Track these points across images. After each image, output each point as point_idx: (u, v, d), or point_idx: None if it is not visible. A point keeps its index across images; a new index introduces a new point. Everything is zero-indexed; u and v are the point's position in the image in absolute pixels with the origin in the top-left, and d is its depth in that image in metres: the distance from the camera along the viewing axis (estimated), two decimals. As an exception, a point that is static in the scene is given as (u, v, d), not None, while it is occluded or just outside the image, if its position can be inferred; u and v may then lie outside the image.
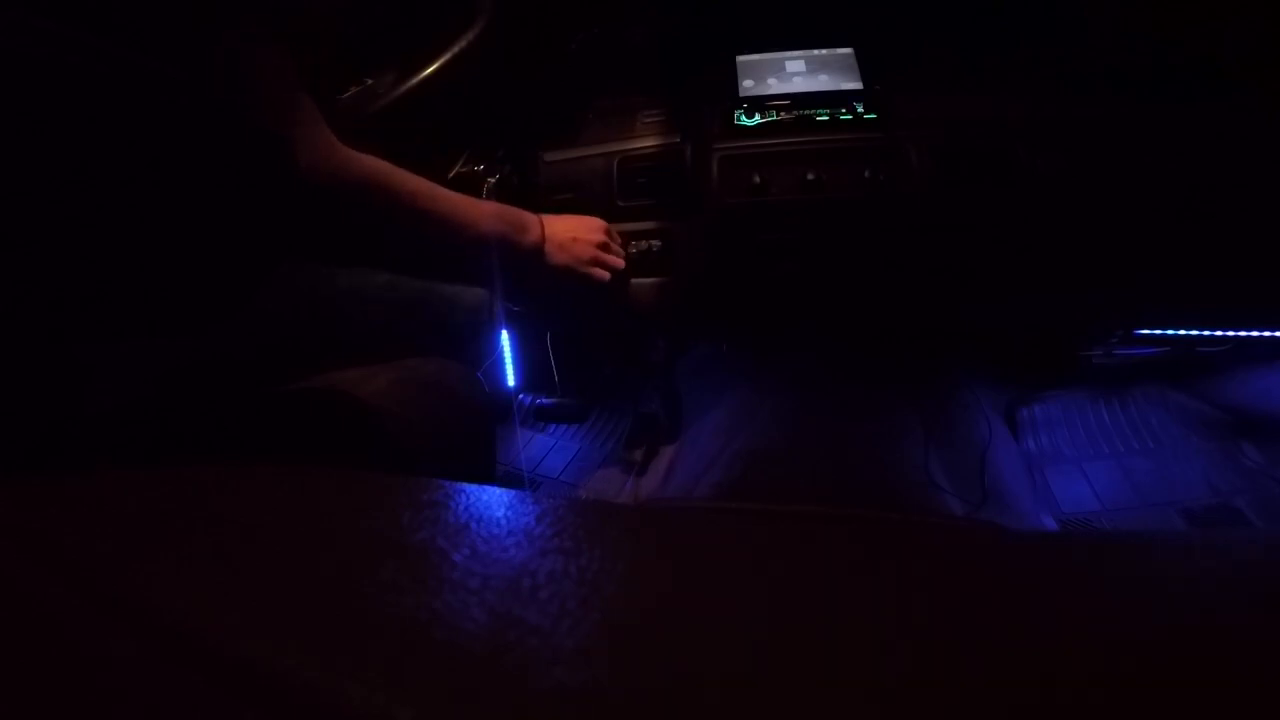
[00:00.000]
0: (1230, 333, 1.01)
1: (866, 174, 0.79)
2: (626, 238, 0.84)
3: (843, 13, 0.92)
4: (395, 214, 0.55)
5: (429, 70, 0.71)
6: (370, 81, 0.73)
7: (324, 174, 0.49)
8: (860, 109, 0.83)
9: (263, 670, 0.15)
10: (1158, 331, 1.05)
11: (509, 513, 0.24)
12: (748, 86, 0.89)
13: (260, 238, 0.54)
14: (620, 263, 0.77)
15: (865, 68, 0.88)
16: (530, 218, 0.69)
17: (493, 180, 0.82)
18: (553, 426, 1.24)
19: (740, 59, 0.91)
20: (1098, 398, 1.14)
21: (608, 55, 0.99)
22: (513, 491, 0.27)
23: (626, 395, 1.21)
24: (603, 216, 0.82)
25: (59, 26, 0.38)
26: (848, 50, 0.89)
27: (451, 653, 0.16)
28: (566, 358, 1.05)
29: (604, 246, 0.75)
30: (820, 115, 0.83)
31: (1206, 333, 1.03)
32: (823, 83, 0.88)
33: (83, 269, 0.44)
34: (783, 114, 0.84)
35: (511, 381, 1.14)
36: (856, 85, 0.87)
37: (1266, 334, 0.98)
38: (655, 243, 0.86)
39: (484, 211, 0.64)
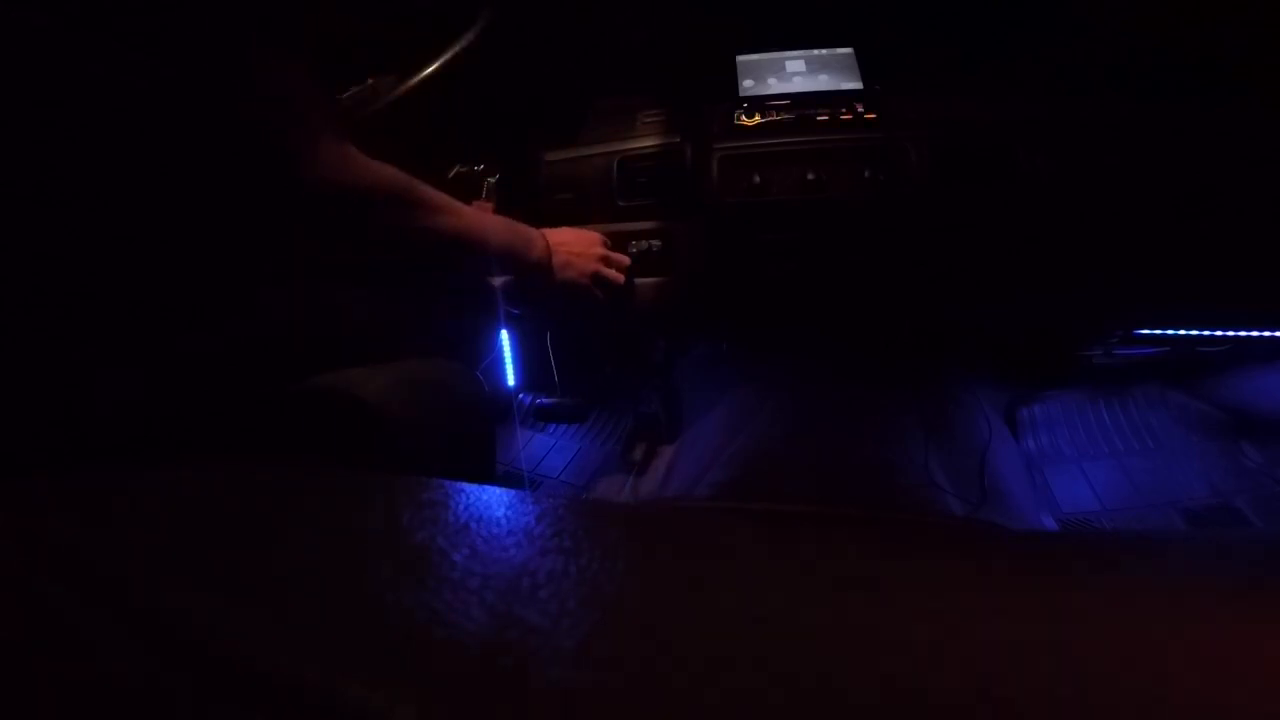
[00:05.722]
0: (1230, 333, 1.01)
1: (866, 174, 0.79)
2: (626, 238, 0.84)
3: (843, 13, 0.92)
4: (411, 224, 0.55)
5: (429, 70, 0.71)
6: (370, 81, 0.73)
7: (340, 181, 0.49)
8: (860, 109, 0.83)
9: (264, 669, 0.15)
10: (1158, 331, 1.05)
11: (509, 513, 0.24)
12: (748, 86, 0.89)
13: (264, 238, 0.54)
14: (620, 278, 0.78)
15: (865, 68, 0.88)
16: (535, 234, 0.70)
17: (493, 180, 0.82)
18: (553, 426, 1.24)
19: (740, 59, 0.91)
20: (1098, 398, 1.14)
21: (608, 55, 0.99)
22: (513, 491, 0.27)
23: (626, 395, 1.21)
24: (603, 216, 0.82)
25: (64, 29, 0.38)
26: (848, 50, 0.89)
27: (452, 652, 0.16)
28: (566, 358, 1.05)
29: (604, 261, 0.76)
30: (820, 115, 0.83)
31: (1206, 333, 1.03)
32: (823, 83, 0.88)
33: (84, 269, 0.44)
34: (783, 114, 0.84)
35: (511, 381, 1.14)
36: (856, 85, 0.87)
37: (1266, 334, 0.98)
38: (655, 243, 0.86)
39: (494, 226, 0.65)
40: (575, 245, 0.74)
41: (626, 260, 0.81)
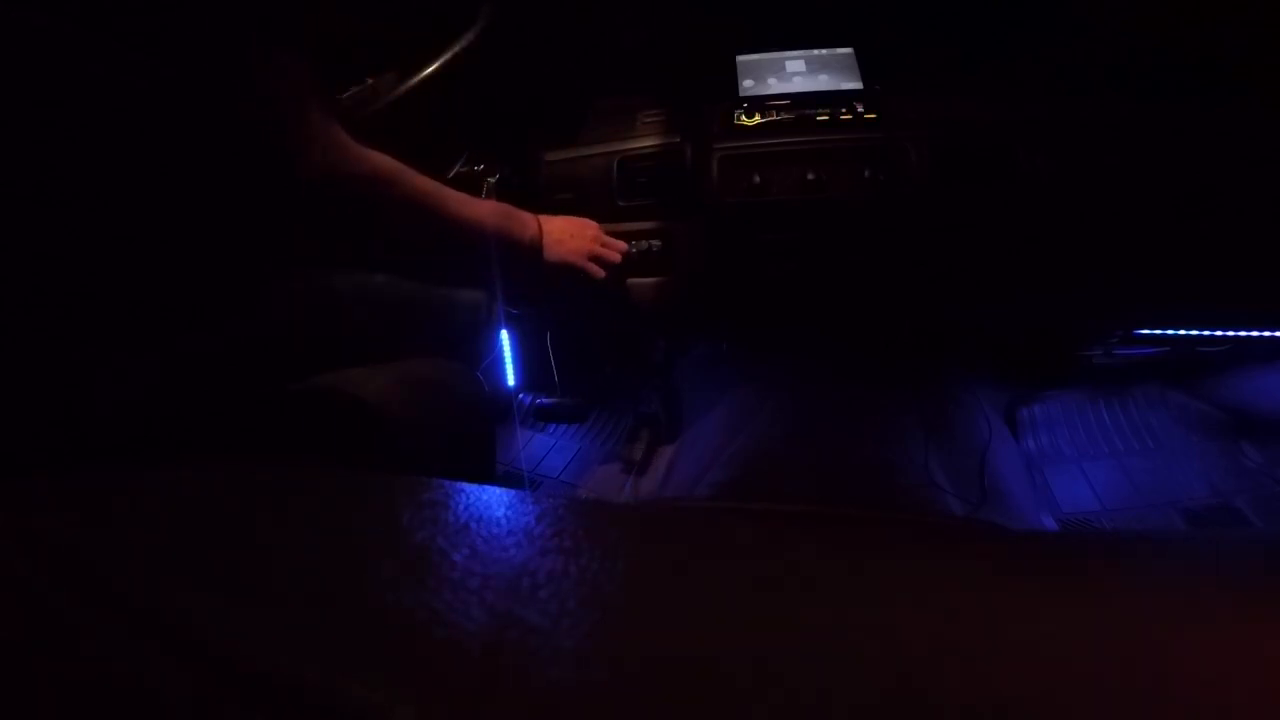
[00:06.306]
0: (1230, 333, 1.01)
1: (866, 174, 0.79)
2: (626, 238, 0.84)
3: (843, 13, 0.92)
4: (403, 209, 0.56)
5: (429, 70, 0.71)
6: (370, 81, 0.73)
7: (334, 169, 0.49)
8: (860, 109, 0.83)
9: (264, 669, 0.15)
10: (1158, 331, 1.05)
11: (509, 513, 0.24)
12: (748, 86, 0.89)
13: (262, 237, 0.54)
14: (616, 257, 0.78)
15: (865, 68, 0.88)
16: (528, 216, 0.70)
17: (493, 180, 0.82)
18: (553, 426, 1.24)
19: (740, 59, 0.91)
20: (1098, 398, 1.14)
21: (608, 55, 0.99)
22: (513, 491, 0.27)
23: (626, 395, 1.21)
24: (603, 216, 0.82)
25: (64, 29, 0.38)
26: (848, 50, 0.89)
27: (452, 652, 0.16)
28: (566, 358, 1.05)
29: (599, 242, 0.76)
30: (820, 115, 0.83)
31: (1206, 333, 1.03)
32: (823, 83, 0.88)
33: (85, 269, 0.44)
34: (783, 114, 0.84)
35: (511, 381, 1.14)
36: (856, 85, 0.87)
37: (1266, 334, 0.98)
38: (655, 243, 0.86)
39: (485, 210, 0.64)
40: (568, 228, 0.74)
41: (623, 245, 0.80)
